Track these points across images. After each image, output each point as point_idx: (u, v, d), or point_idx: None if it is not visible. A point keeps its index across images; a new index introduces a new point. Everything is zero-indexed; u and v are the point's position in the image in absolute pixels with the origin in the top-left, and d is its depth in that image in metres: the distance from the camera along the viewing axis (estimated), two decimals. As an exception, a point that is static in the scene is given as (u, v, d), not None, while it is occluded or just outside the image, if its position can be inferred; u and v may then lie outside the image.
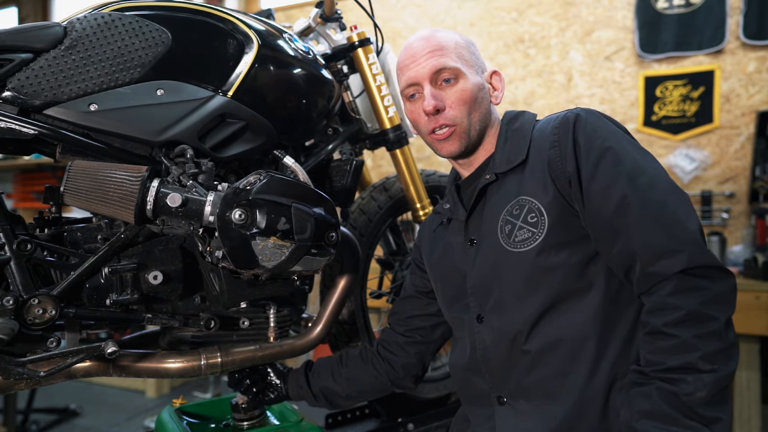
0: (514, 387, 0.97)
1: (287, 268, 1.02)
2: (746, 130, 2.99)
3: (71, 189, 0.98)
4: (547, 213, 0.93)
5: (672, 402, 0.79)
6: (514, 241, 0.96)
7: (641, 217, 0.85)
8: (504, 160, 1.01)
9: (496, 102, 1.07)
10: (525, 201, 0.96)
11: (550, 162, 0.94)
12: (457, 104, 1.01)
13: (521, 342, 0.95)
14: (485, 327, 1.01)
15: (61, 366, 0.99)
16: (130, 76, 1.05)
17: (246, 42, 1.15)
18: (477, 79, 1.03)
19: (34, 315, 0.96)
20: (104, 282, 1.04)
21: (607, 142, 0.90)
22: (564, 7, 3.40)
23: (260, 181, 1.00)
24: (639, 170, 0.88)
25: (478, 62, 1.06)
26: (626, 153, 0.89)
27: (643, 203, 0.85)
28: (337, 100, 1.40)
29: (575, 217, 0.92)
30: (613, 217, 0.87)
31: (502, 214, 0.98)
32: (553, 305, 0.93)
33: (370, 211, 1.54)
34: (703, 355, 0.78)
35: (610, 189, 0.87)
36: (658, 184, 0.87)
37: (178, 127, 1.07)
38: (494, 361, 1.00)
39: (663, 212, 0.84)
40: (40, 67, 0.99)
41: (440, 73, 1.01)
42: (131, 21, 1.06)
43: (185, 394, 3.83)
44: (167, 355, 1.15)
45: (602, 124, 0.93)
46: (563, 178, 0.92)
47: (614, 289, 0.92)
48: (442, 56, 1.01)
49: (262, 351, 1.23)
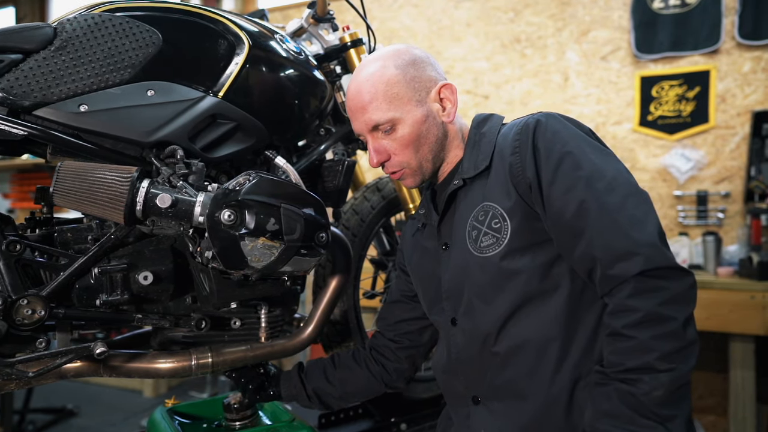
0: (486, 388, 1.00)
1: (277, 268, 1.02)
2: (742, 130, 2.99)
3: (61, 189, 0.98)
4: (510, 218, 0.95)
5: (629, 402, 0.81)
6: (480, 246, 0.98)
7: (599, 221, 0.86)
8: (471, 166, 1.02)
9: (448, 120, 1.04)
10: (489, 207, 0.97)
11: (511, 167, 0.95)
12: (400, 150, 1.02)
13: (491, 344, 0.98)
14: (458, 330, 1.04)
15: (50, 366, 0.99)
16: (120, 77, 1.05)
17: (237, 43, 1.15)
18: (418, 113, 1.01)
19: (23, 315, 0.96)
20: (94, 282, 1.04)
21: (567, 146, 0.91)
22: (560, 7, 3.40)
23: (249, 182, 1.00)
24: (597, 174, 0.89)
25: (420, 86, 1.02)
26: (585, 157, 0.90)
27: (601, 207, 0.86)
28: (329, 101, 1.40)
29: (538, 221, 0.94)
30: (572, 221, 0.88)
31: (469, 220, 1.00)
32: (520, 307, 0.95)
33: (363, 212, 1.54)
34: (660, 355, 0.80)
35: (569, 193, 0.89)
36: (617, 187, 0.88)
37: (168, 128, 1.07)
38: (467, 363, 1.03)
39: (620, 215, 0.85)
40: (29, 68, 0.99)
41: (376, 127, 1.02)
42: (122, 22, 1.06)
43: (182, 394, 3.83)
44: (158, 356, 1.16)
45: (562, 128, 0.94)
46: (524, 183, 0.93)
47: (578, 290, 0.94)
48: (374, 111, 1.00)
49: (254, 351, 1.23)
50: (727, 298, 2.47)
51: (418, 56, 1.04)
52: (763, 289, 2.45)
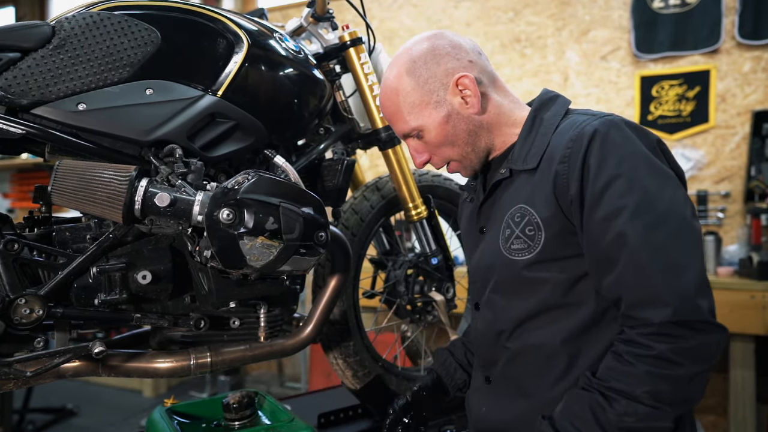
0: (497, 373, 1.03)
1: (276, 267, 1.02)
2: (742, 130, 2.99)
3: (59, 188, 0.98)
4: (545, 229, 0.90)
5: (597, 413, 0.81)
6: (510, 247, 0.96)
7: (633, 259, 0.81)
8: (521, 157, 0.97)
9: (474, 111, 0.99)
10: (526, 211, 0.93)
11: (557, 177, 0.89)
12: (436, 150, 1.03)
13: (504, 339, 1.00)
14: (479, 315, 1.06)
15: (48, 366, 0.99)
16: (118, 76, 1.05)
17: (236, 41, 1.15)
18: (438, 116, 0.99)
19: (20, 315, 0.96)
20: (93, 282, 1.04)
21: (620, 167, 0.83)
22: (560, 6, 3.39)
23: (248, 181, 1.00)
24: (646, 205, 0.82)
25: (435, 86, 0.98)
26: (638, 183, 0.83)
27: (640, 244, 0.80)
28: (328, 100, 1.40)
29: (574, 235, 0.90)
30: (607, 250, 0.83)
31: (506, 216, 0.97)
32: (538, 314, 0.95)
33: (363, 211, 1.53)
34: (649, 390, 0.78)
35: (609, 222, 0.83)
36: (665, 222, 0.81)
37: (167, 127, 1.07)
38: (483, 347, 1.06)
39: (659, 258, 0.80)
40: (27, 67, 0.99)
41: (407, 136, 1.04)
42: (120, 20, 1.06)
43: (181, 393, 3.83)
44: (157, 355, 1.15)
45: (622, 143, 0.85)
46: (567, 198, 0.88)
47: (601, 309, 0.91)
48: (397, 123, 1.03)
49: (253, 351, 1.23)
50: (727, 298, 2.47)
51: (434, 48, 0.99)
52: (763, 288, 2.45)
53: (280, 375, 4.23)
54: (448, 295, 1.60)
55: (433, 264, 1.57)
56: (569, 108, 1.01)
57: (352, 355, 1.51)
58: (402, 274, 1.58)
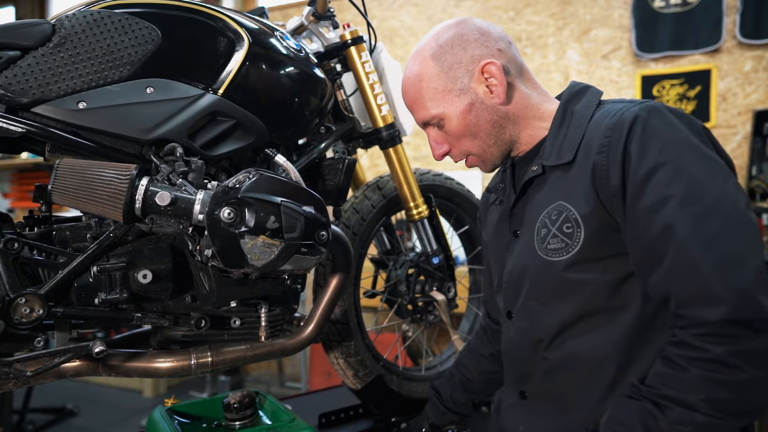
0: (534, 388, 0.97)
1: (277, 267, 1.01)
2: (743, 129, 2.99)
3: (59, 187, 0.97)
4: (585, 226, 0.84)
5: (648, 423, 0.74)
6: (547, 248, 0.89)
7: (684, 253, 0.73)
8: (554, 152, 0.92)
9: (500, 101, 0.94)
10: (564, 208, 0.87)
11: (595, 169, 0.83)
12: (456, 141, 1.00)
13: (543, 349, 0.93)
14: (513, 325, 1.00)
15: (48, 366, 0.98)
16: (119, 74, 1.05)
17: (237, 40, 1.14)
18: (461, 105, 0.95)
19: (20, 314, 0.95)
20: (93, 281, 1.03)
21: (665, 154, 0.77)
22: (561, 6, 3.39)
23: (249, 180, 0.99)
24: (696, 193, 0.75)
25: (460, 73, 0.95)
26: (685, 170, 0.76)
27: (690, 236, 0.73)
28: (329, 99, 1.40)
29: (617, 232, 0.83)
30: (653, 245, 0.77)
31: (541, 216, 0.92)
32: (579, 320, 0.88)
33: (364, 210, 1.53)
34: (706, 398, 0.70)
35: (655, 212, 0.76)
36: (717, 212, 0.74)
37: (167, 126, 1.07)
38: (518, 358, 1.00)
39: (713, 250, 0.72)
40: (27, 65, 0.98)
41: (428, 124, 1.01)
42: (121, 18, 1.05)
43: (181, 393, 3.83)
44: (157, 355, 1.15)
45: (665, 128, 0.79)
46: (607, 190, 0.81)
47: (650, 312, 0.83)
48: (418, 111, 1.00)
49: (253, 350, 1.23)
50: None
51: (462, 34, 0.96)
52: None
53: (280, 375, 4.23)
54: (449, 294, 1.60)
55: (434, 263, 1.57)
56: (601, 99, 0.96)
57: (353, 355, 1.51)
58: (403, 273, 1.58)
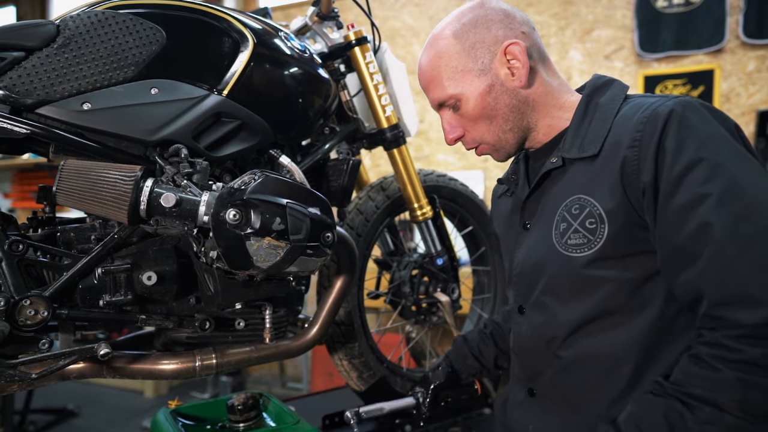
0: (544, 386, 0.95)
1: (282, 268, 1.01)
2: (746, 130, 2.98)
3: (64, 189, 0.97)
4: (609, 222, 0.81)
5: (673, 420, 0.71)
6: (567, 242, 0.86)
7: (721, 252, 0.71)
8: (576, 144, 0.89)
9: (521, 84, 0.91)
10: (587, 202, 0.84)
11: (625, 163, 0.80)
12: (471, 126, 0.96)
13: (556, 346, 0.90)
14: (525, 320, 0.97)
15: (53, 368, 0.98)
16: (123, 75, 1.04)
17: (241, 40, 1.14)
18: (480, 85, 0.92)
19: (25, 316, 0.95)
20: (97, 283, 1.03)
21: (702, 150, 0.74)
22: (563, 5, 3.39)
23: (255, 181, 0.99)
24: (735, 192, 0.72)
25: (481, 53, 0.92)
26: (724, 167, 0.74)
27: (729, 235, 0.71)
28: (333, 99, 1.39)
29: (642, 230, 0.80)
30: (687, 243, 0.74)
31: (560, 209, 0.89)
32: (596, 318, 0.85)
33: (367, 211, 1.52)
34: (738, 400, 0.68)
35: (690, 211, 0.73)
36: (756, 212, 0.72)
37: (172, 127, 1.06)
38: (528, 355, 0.97)
39: (753, 249, 0.70)
40: (32, 66, 0.98)
41: (443, 105, 0.98)
42: (125, 19, 1.05)
43: (183, 394, 3.83)
44: (162, 357, 1.14)
45: (701, 124, 0.77)
46: (637, 186, 0.79)
47: (671, 314, 0.81)
48: (435, 90, 0.96)
49: (258, 352, 1.22)
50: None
51: (485, 14, 0.93)
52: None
53: (281, 375, 4.22)
54: (453, 295, 1.59)
55: (438, 265, 1.56)
56: (628, 93, 0.92)
57: (357, 357, 1.50)
58: (407, 274, 1.57)
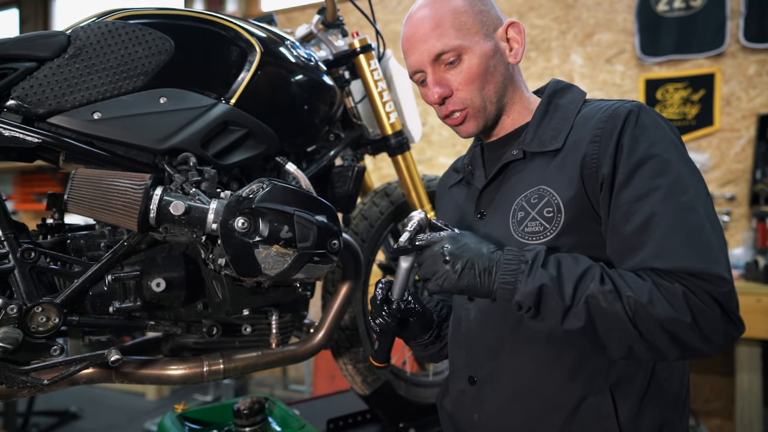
0: (487, 372, 0.95)
1: (290, 275, 1.02)
2: (747, 133, 2.99)
3: (75, 197, 0.98)
4: (566, 211, 0.85)
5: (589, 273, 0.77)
6: (524, 230, 0.89)
7: (669, 235, 0.76)
8: (536, 140, 0.92)
9: (515, 60, 0.95)
10: (545, 192, 0.88)
11: (585, 158, 0.85)
12: (464, 85, 0.93)
13: (506, 331, 0.92)
14: (474, 306, 0.98)
15: (64, 374, 0.99)
16: (133, 84, 1.05)
17: (248, 49, 1.16)
18: (486, 46, 0.92)
19: (37, 323, 0.96)
20: (107, 289, 1.04)
21: (654, 147, 0.81)
22: (564, 9, 3.40)
23: (263, 189, 1.00)
24: (681, 188, 0.78)
25: (488, 21, 0.94)
26: (672, 165, 0.80)
27: (676, 224, 0.76)
28: (338, 106, 1.41)
29: (595, 223, 0.85)
30: (633, 234, 0.79)
31: (518, 199, 0.91)
32: None
33: (372, 217, 1.54)
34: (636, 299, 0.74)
35: (639, 202, 0.79)
36: (698, 206, 0.78)
37: (181, 135, 1.08)
38: (474, 341, 0.98)
39: (693, 240, 0.75)
40: (44, 76, 0.99)
41: (441, 56, 0.92)
42: (134, 29, 1.06)
43: (185, 396, 3.84)
44: (169, 362, 1.16)
45: (654, 126, 0.83)
46: (595, 179, 0.84)
47: None
48: (439, 38, 0.91)
49: (265, 357, 1.23)
50: (733, 302, 2.47)
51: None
52: (769, 292, 2.45)
53: (284, 378, 4.23)
54: (456, 300, 1.60)
55: (442, 269, 1.57)
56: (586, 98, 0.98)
57: (362, 361, 1.51)
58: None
